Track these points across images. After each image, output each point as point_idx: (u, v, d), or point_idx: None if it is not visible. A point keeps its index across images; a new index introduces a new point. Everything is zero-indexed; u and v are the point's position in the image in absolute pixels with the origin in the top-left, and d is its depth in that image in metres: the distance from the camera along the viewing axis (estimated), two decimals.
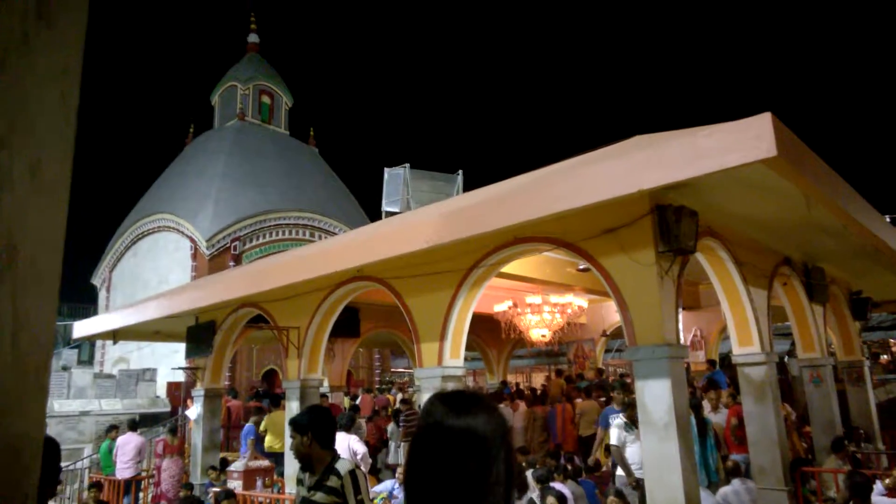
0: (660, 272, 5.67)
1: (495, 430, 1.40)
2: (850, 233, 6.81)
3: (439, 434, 1.40)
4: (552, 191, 5.82)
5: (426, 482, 1.39)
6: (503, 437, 1.41)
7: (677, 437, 5.39)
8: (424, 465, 1.40)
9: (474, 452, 1.36)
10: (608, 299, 6.07)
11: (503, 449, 1.40)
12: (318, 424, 3.53)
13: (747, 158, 4.42)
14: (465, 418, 1.39)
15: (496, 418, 1.42)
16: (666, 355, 5.52)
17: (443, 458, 1.38)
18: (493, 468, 1.35)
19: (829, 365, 9.39)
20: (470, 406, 1.43)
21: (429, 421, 1.44)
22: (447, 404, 1.43)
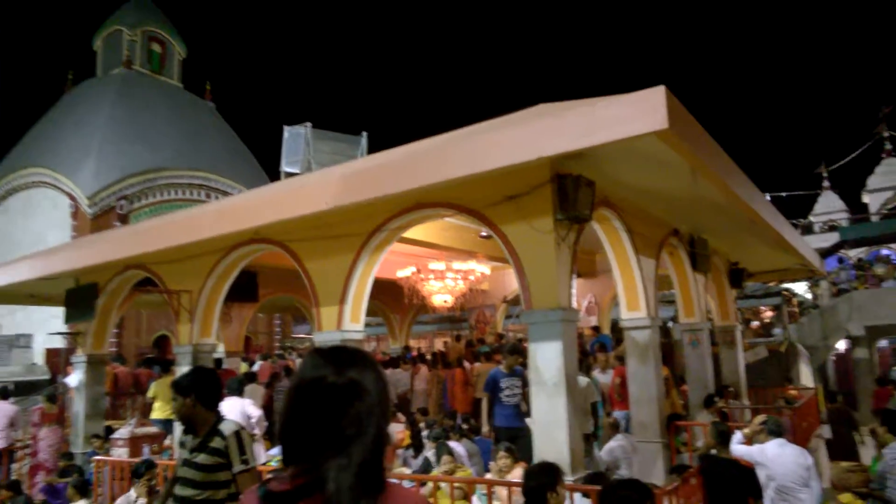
0: (557, 239, 5.84)
1: (375, 385, 1.41)
2: (731, 207, 7.29)
3: (319, 388, 1.40)
4: (455, 156, 5.84)
5: (303, 436, 1.39)
6: (384, 393, 1.44)
7: (565, 396, 5.64)
8: (302, 419, 1.40)
9: (353, 406, 1.37)
10: (510, 266, 6.19)
11: (384, 404, 1.42)
12: (202, 386, 3.41)
13: (641, 129, 4.60)
14: (345, 373, 1.40)
15: (376, 374, 1.44)
16: (559, 319, 5.73)
17: (321, 412, 1.38)
18: (371, 421, 1.37)
19: (706, 329, 10.12)
20: (350, 361, 1.44)
21: (307, 376, 1.44)
22: (327, 359, 1.44)
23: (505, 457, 6.26)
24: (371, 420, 1.37)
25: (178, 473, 3.42)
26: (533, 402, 5.92)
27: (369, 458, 1.35)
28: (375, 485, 1.35)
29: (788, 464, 5.47)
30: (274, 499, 1.38)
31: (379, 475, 1.37)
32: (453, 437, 7.57)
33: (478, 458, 7.61)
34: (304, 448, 1.39)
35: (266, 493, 1.40)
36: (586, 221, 6.07)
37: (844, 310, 17.35)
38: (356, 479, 1.31)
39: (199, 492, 3.28)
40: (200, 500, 3.29)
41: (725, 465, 5.35)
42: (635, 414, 7.81)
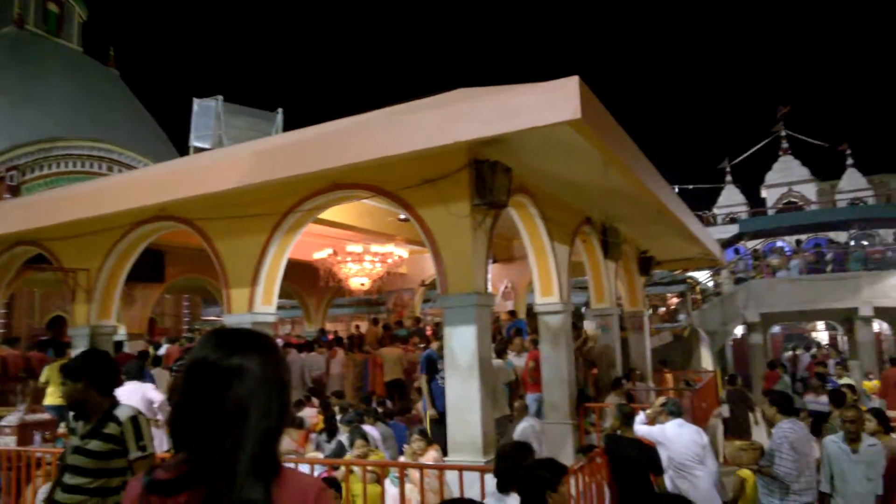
0: (474, 224, 5.87)
1: (261, 369, 1.37)
2: (641, 197, 7.56)
3: (202, 371, 1.36)
4: (373, 136, 5.76)
5: (188, 420, 1.35)
6: (275, 376, 1.39)
7: (479, 379, 5.71)
8: (186, 403, 1.37)
9: (234, 390, 1.33)
10: (428, 250, 6.16)
11: (274, 388, 1.38)
12: (94, 369, 3.20)
13: (555, 118, 4.67)
14: (231, 356, 1.36)
15: (266, 358, 1.40)
16: (474, 303, 5.78)
17: (204, 396, 1.34)
18: (257, 406, 1.34)
19: (615, 314, 10.51)
20: (239, 345, 1.40)
21: (193, 358, 1.41)
22: (216, 342, 1.41)
23: (418, 440, 6.29)
24: (256, 404, 1.33)
25: (67, 461, 3.21)
26: (448, 384, 5.95)
27: (256, 443, 1.31)
28: (265, 470, 1.31)
29: (686, 443, 5.76)
30: (158, 488, 1.33)
31: (269, 460, 1.33)
32: (368, 421, 7.53)
33: (392, 441, 7.60)
34: (190, 433, 1.35)
35: (150, 483, 1.34)
36: (503, 207, 6.13)
37: (742, 297, 18.47)
38: (242, 464, 1.28)
39: (91, 480, 3.10)
40: (92, 488, 3.11)
41: (628, 444, 5.55)
42: (547, 396, 8.02)
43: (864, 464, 5.11)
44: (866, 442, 5.16)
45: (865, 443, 5.16)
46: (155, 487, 1.33)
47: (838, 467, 5.19)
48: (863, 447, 5.16)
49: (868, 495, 5.04)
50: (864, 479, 5.07)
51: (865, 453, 5.12)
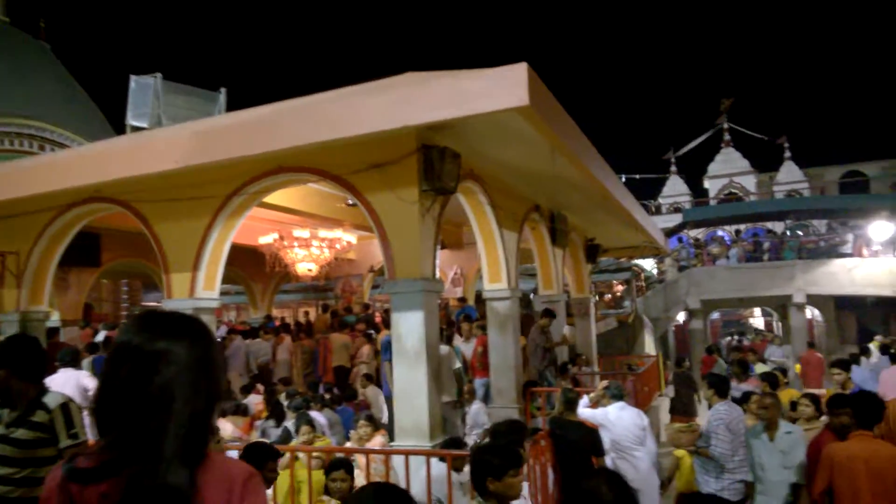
0: (422, 210, 5.84)
1: (189, 353, 1.34)
2: (587, 185, 7.66)
3: (126, 355, 1.33)
4: (320, 119, 5.66)
5: (112, 406, 1.32)
6: (203, 360, 1.36)
7: (426, 365, 5.72)
8: (110, 387, 1.33)
9: (160, 375, 1.30)
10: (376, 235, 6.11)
11: (202, 373, 1.35)
12: (17, 356, 3.09)
13: (503, 105, 4.67)
14: (156, 340, 1.33)
15: (195, 342, 1.37)
16: (421, 289, 5.76)
17: (127, 380, 1.31)
18: (187, 391, 1.31)
19: (562, 301, 10.68)
20: (166, 328, 1.37)
21: (118, 341, 1.38)
22: (142, 326, 1.38)
23: (365, 425, 6.27)
24: (182, 389, 1.30)
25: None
26: (395, 369, 5.95)
27: (182, 428, 1.28)
28: (191, 456, 1.29)
29: (627, 425, 5.91)
30: (78, 476, 1.29)
31: (195, 446, 1.31)
32: (314, 407, 7.46)
33: (339, 427, 7.56)
34: (114, 419, 1.31)
35: (70, 471, 1.30)
36: (451, 193, 6.12)
37: (684, 285, 19.06)
38: (166, 450, 1.25)
39: (18, 469, 3.01)
40: (19, 478, 3.01)
41: (571, 427, 5.67)
42: (494, 381, 8.10)
43: (780, 452, 5.07)
44: (783, 429, 5.13)
45: (782, 430, 5.13)
46: (75, 475, 1.29)
47: (757, 455, 5.24)
48: (779, 434, 5.13)
49: (782, 483, 4.99)
50: (780, 467, 5.03)
51: (781, 441, 5.08)
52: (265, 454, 3.94)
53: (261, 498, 1.38)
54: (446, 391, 6.87)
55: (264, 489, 1.44)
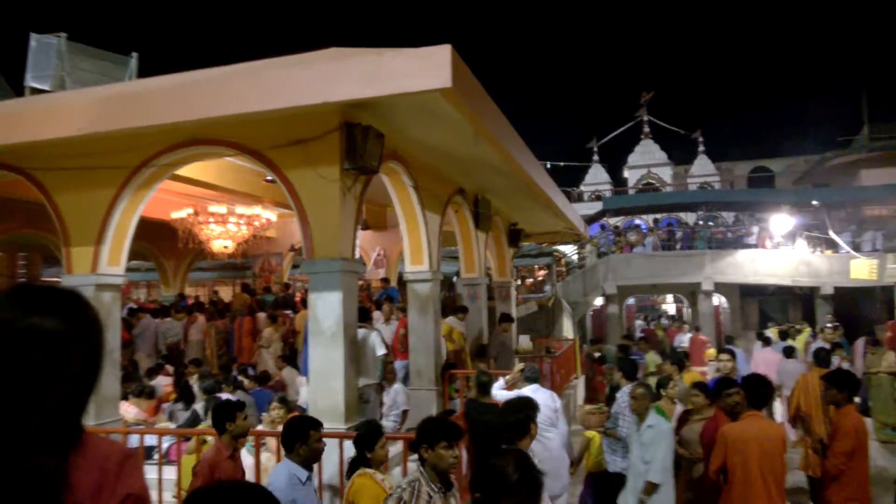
0: (343, 189, 5.73)
1: (69, 330, 1.27)
2: (510, 170, 7.73)
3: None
4: (237, 90, 5.45)
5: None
6: (80, 338, 1.29)
7: (343, 346, 5.65)
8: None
9: (35, 352, 1.22)
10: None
11: (79, 351, 1.28)
12: None
13: (426, 86, 4.63)
14: (33, 317, 1.24)
15: (75, 317, 1.30)
16: (340, 269, 5.68)
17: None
18: (58, 370, 1.24)
19: (484, 284, 10.80)
20: (42, 304, 1.28)
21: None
22: (14, 300, 1.28)
23: (278, 407, 6.15)
24: (52, 370, 1.23)
25: None
26: (311, 351, 5.85)
27: (52, 410, 1.22)
28: (61, 439, 1.23)
29: (540, 407, 6.04)
30: None
31: (66, 428, 1.25)
32: (226, 389, 7.25)
33: (252, 409, 7.38)
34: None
35: None
36: (374, 173, 6.03)
37: (602, 271, 19.69)
38: (34, 433, 1.19)
39: None
40: None
41: (485, 409, 5.76)
42: (413, 363, 8.11)
43: (641, 444, 5.12)
44: (647, 422, 5.13)
45: (646, 423, 5.14)
46: None
47: (630, 445, 5.43)
48: (643, 427, 5.14)
49: (641, 477, 5.05)
50: (640, 460, 5.10)
51: (644, 433, 5.11)
52: (308, 424, 3.84)
53: (137, 480, 1.32)
54: (370, 374, 6.82)
55: (142, 470, 1.37)
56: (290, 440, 3.71)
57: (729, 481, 4.38)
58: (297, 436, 3.70)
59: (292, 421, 4.00)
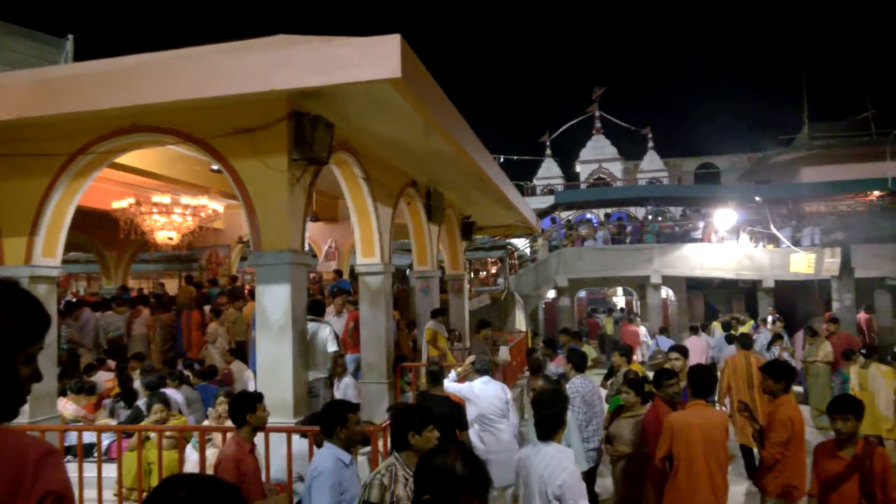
0: (291, 179, 5.63)
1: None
2: (462, 162, 7.72)
3: None
4: (180, 76, 5.28)
5: None
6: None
7: (292, 340, 5.56)
8: None
9: None
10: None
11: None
12: None
13: (375, 75, 4.58)
14: None
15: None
16: (289, 261, 5.59)
17: None
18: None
19: (436, 277, 10.79)
20: None
21: None
22: None
23: (224, 402, 6.00)
24: None
25: None
26: (258, 344, 5.75)
27: None
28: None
29: (491, 398, 6.09)
30: None
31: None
32: (171, 384, 7.06)
33: (199, 405, 7.21)
34: None
35: None
36: (324, 164, 5.94)
37: (554, 264, 19.93)
38: None
39: None
40: None
41: (437, 401, 5.75)
42: (365, 356, 8.05)
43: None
44: None
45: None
46: None
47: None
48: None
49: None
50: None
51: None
52: (347, 408, 3.82)
53: (58, 477, 1.25)
54: (319, 368, 6.72)
55: (63, 468, 1.30)
56: (330, 425, 3.71)
57: (674, 468, 4.49)
58: (336, 420, 3.69)
59: (331, 405, 3.97)
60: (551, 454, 3.57)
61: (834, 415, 4.07)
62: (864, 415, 4.14)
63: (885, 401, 8.13)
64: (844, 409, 4.05)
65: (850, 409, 4.05)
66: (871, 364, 8.40)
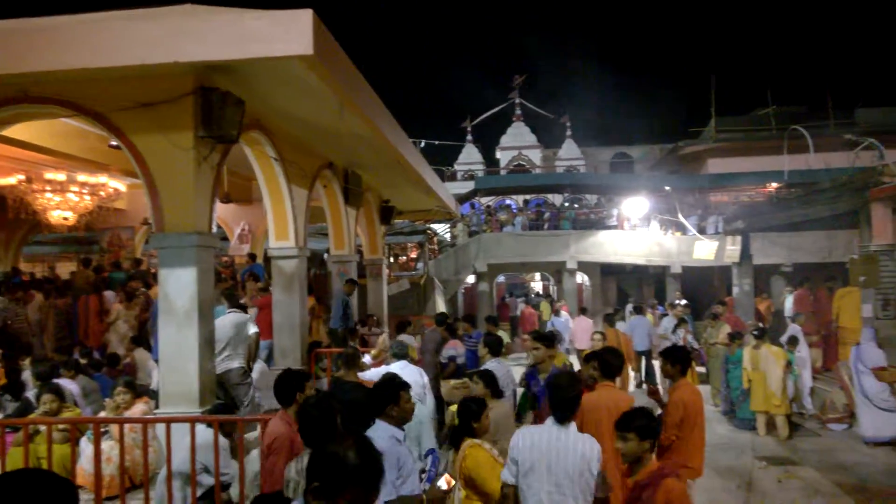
0: (198, 158, 5.37)
1: None
2: (379, 145, 7.61)
3: None
4: (76, 43, 4.91)
5: None
6: None
7: (198, 326, 5.34)
8: None
9: None
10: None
11: None
12: None
13: (287, 51, 4.41)
14: None
15: None
16: (195, 244, 5.36)
17: None
18: None
19: (354, 261, 10.64)
20: None
21: None
22: None
23: (123, 392, 5.71)
24: None
25: None
26: (161, 331, 5.47)
27: None
28: None
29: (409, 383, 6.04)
30: None
31: None
32: (65, 374, 6.62)
33: (97, 395, 6.81)
34: None
35: None
36: (233, 142, 5.70)
37: (473, 249, 20.10)
38: None
39: None
40: None
41: (350, 386, 5.67)
42: (278, 342, 7.85)
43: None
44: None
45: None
46: None
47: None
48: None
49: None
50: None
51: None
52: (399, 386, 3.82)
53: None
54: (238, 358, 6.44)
55: None
56: (382, 402, 3.75)
57: None
58: (389, 398, 3.74)
59: (383, 384, 3.92)
60: (580, 435, 3.57)
61: (616, 432, 3.35)
62: (656, 433, 3.39)
63: (774, 380, 8.69)
64: (624, 426, 3.30)
65: (629, 426, 3.28)
66: (763, 345, 8.95)
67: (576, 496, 3.41)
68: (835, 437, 8.88)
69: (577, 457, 3.43)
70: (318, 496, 1.79)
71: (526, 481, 3.49)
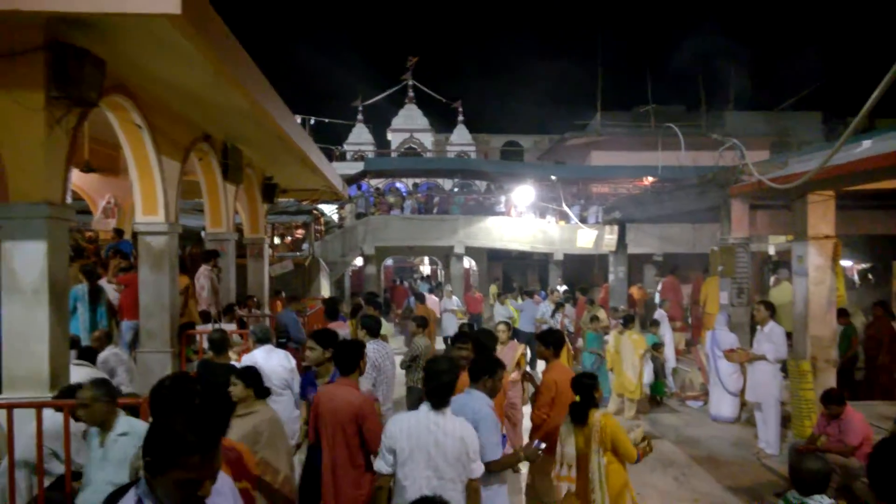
0: (50, 121, 4.88)
1: None
2: (259, 118, 7.29)
3: None
4: None
5: None
6: None
7: (48, 305, 4.90)
8: None
9: None
10: None
11: None
12: None
13: (150, 9, 4.09)
14: None
15: None
16: (45, 215, 4.89)
17: None
18: None
19: (232, 240, 10.20)
20: None
21: None
22: None
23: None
24: None
25: None
26: (5, 309, 4.97)
27: None
28: None
29: (273, 367, 5.89)
30: None
31: None
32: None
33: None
34: None
35: None
36: (93, 106, 5.22)
37: (361, 231, 19.93)
38: None
39: None
40: None
41: (219, 370, 5.45)
42: (144, 324, 7.39)
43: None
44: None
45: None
46: None
47: None
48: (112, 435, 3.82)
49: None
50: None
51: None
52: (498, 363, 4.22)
53: None
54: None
55: None
56: (479, 372, 4.10)
57: None
58: (487, 370, 4.11)
59: (484, 357, 4.35)
60: (457, 419, 3.55)
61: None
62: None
63: (630, 365, 9.28)
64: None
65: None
66: (626, 331, 9.55)
67: (453, 479, 3.44)
68: (692, 414, 9.66)
69: (457, 441, 3.45)
70: (151, 470, 1.78)
71: (403, 470, 3.45)
